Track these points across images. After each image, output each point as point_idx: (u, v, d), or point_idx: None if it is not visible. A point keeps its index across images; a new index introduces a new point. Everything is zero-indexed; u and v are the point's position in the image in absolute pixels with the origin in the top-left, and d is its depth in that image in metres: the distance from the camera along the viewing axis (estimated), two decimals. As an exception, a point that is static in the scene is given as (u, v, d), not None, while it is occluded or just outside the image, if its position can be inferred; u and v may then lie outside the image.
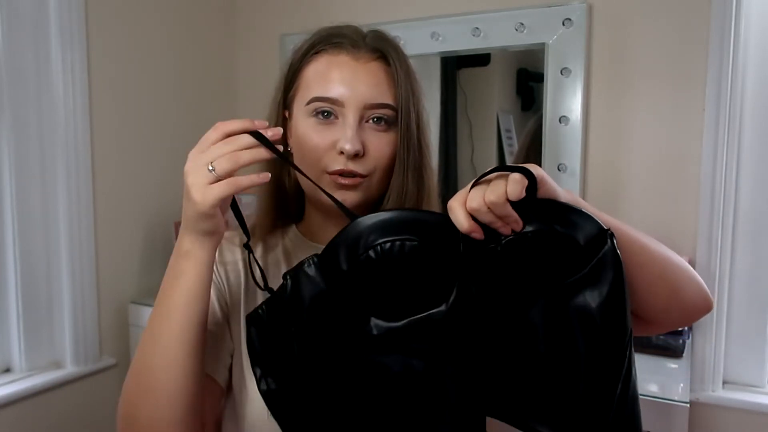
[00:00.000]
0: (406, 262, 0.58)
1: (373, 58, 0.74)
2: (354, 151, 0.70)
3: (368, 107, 0.72)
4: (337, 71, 0.73)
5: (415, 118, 0.74)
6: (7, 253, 1.40)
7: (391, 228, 0.59)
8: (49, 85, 1.42)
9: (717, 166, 1.33)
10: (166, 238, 1.74)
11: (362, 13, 1.69)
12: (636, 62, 1.43)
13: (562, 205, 0.60)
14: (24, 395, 1.39)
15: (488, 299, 0.58)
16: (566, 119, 1.46)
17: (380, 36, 0.77)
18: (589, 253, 0.58)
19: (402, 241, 0.58)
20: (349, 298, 0.59)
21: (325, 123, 0.73)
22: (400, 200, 0.74)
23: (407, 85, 0.74)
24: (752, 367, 1.37)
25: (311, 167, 0.73)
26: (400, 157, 0.74)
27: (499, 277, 0.59)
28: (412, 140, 0.74)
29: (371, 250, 0.58)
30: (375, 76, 0.73)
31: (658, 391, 1.05)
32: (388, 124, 0.73)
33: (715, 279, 1.35)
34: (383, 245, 0.58)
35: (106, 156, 1.57)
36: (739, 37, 1.30)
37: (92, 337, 1.53)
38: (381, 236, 0.59)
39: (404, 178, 0.74)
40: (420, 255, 0.59)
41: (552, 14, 1.45)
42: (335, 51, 0.75)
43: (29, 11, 1.38)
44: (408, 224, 0.59)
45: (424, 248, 0.58)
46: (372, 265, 0.59)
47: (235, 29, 1.96)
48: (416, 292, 0.59)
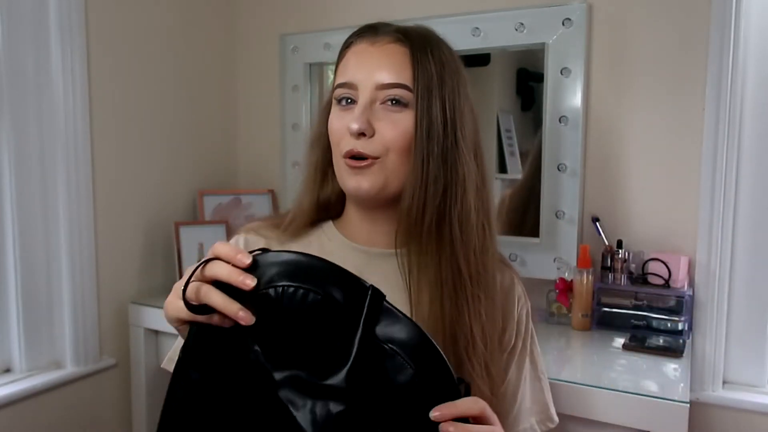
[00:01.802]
0: (303, 312, 0.56)
1: (391, 41, 0.73)
2: (357, 130, 0.70)
3: (380, 87, 0.71)
4: (354, 58, 0.74)
5: (441, 104, 0.71)
6: (7, 253, 1.40)
7: (299, 273, 0.56)
8: (49, 85, 1.42)
9: (717, 166, 1.33)
10: (166, 238, 1.74)
11: (362, 13, 1.69)
12: (636, 62, 1.43)
13: None
14: (24, 395, 1.39)
15: None
16: (566, 119, 1.46)
17: (415, 26, 0.77)
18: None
19: (306, 290, 0.55)
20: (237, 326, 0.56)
21: (345, 109, 0.73)
22: (420, 190, 0.70)
23: (432, 70, 0.71)
24: (752, 367, 1.37)
25: (335, 152, 0.75)
26: (417, 142, 0.71)
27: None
28: (434, 125, 0.70)
29: (272, 289, 0.55)
30: (390, 57, 0.72)
31: (658, 391, 1.05)
32: (403, 105, 0.71)
33: (715, 279, 1.35)
34: (286, 288, 0.55)
35: (106, 156, 1.57)
36: (739, 37, 1.30)
37: (92, 337, 1.53)
38: (285, 279, 0.56)
39: (424, 165, 0.70)
40: (319, 311, 0.56)
41: (552, 14, 1.45)
42: (359, 41, 0.76)
43: (29, 11, 1.38)
44: (317, 274, 0.56)
45: (326, 305, 0.55)
46: (267, 303, 0.56)
47: (235, 29, 1.97)
48: (304, 345, 0.56)
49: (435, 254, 0.71)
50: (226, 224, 1.76)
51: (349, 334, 0.56)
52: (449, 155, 0.71)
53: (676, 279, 1.36)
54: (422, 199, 0.71)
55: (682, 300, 1.33)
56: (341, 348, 0.56)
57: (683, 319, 1.32)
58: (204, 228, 1.74)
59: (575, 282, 1.41)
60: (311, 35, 1.77)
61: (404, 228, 0.72)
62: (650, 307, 1.36)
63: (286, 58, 1.83)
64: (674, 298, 1.34)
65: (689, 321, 1.33)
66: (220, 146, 1.95)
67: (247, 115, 1.98)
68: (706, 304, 1.36)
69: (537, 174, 1.51)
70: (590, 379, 1.10)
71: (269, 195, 1.88)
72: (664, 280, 1.37)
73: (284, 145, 1.86)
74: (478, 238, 0.73)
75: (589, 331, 1.39)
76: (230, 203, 1.84)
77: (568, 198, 1.47)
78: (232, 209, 1.83)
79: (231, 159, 1.99)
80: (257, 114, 1.96)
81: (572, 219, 1.47)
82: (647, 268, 1.40)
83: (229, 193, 1.87)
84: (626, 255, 1.41)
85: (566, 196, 1.47)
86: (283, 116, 1.85)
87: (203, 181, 1.87)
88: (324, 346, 0.56)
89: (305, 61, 1.79)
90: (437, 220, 0.71)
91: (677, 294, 1.34)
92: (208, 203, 1.80)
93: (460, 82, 0.75)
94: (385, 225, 0.78)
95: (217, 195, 1.83)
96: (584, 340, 1.35)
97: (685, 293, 1.33)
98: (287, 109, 1.84)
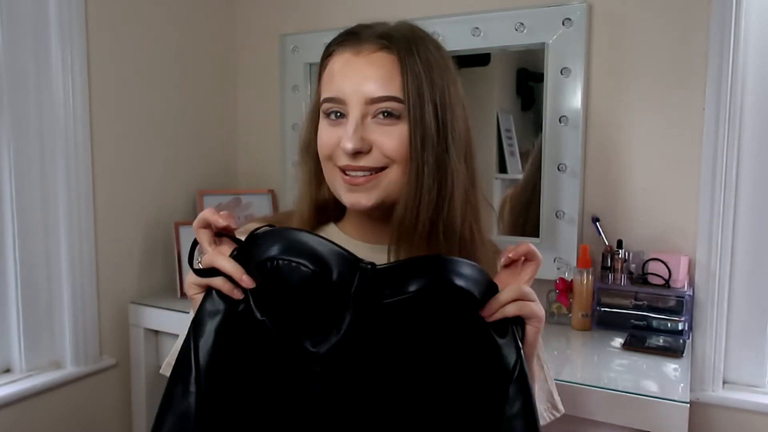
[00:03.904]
0: (298, 285, 0.60)
1: (376, 50, 0.70)
2: (352, 150, 0.68)
3: (370, 102, 0.69)
4: (339, 69, 0.71)
5: (433, 110, 0.69)
6: (7, 254, 1.40)
7: (293, 249, 0.60)
8: (49, 85, 1.42)
9: (717, 165, 1.33)
10: (166, 238, 1.74)
11: (362, 13, 1.68)
12: (636, 62, 1.43)
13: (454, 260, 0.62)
14: (24, 395, 1.39)
15: (373, 347, 0.60)
16: (566, 119, 1.46)
17: (398, 26, 0.74)
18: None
19: (298, 264, 0.59)
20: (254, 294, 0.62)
21: (335, 123, 0.72)
22: (415, 201, 0.69)
23: (421, 74, 0.69)
24: (752, 367, 1.37)
25: (325, 164, 0.73)
26: (412, 153, 0.69)
27: (390, 328, 0.60)
28: (428, 134, 0.69)
29: (269, 263, 0.60)
30: (377, 68, 0.69)
31: (658, 391, 1.05)
32: (397, 117, 0.69)
33: (716, 279, 1.35)
34: (281, 261, 0.60)
35: (106, 156, 1.57)
36: (739, 37, 1.30)
37: (92, 337, 1.53)
38: (283, 253, 0.60)
39: (419, 176, 0.69)
40: (312, 283, 0.59)
41: (552, 14, 1.45)
42: (341, 50, 0.73)
43: (29, 11, 1.38)
44: (310, 249, 0.60)
45: (318, 278, 0.59)
46: (271, 276, 0.60)
47: (235, 29, 1.97)
48: (303, 314, 0.61)
49: (425, 253, 0.72)
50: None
51: (340, 306, 0.60)
52: (441, 162, 0.70)
53: (676, 279, 1.36)
54: (416, 211, 0.70)
55: (682, 300, 1.33)
56: (336, 318, 0.60)
57: (683, 319, 1.32)
58: (204, 228, 1.73)
59: (575, 282, 1.41)
60: (311, 35, 1.77)
61: (396, 237, 0.72)
62: (650, 307, 1.36)
63: (286, 58, 1.83)
64: (674, 298, 1.34)
65: (689, 321, 1.33)
66: (220, 146, 1.95)
67: (247, 115, 1.98)
68: (706, 304, 1.36)
69: (539, 174, 1.51)
70: (590, 379, 1.10)
71: (269, 195, 1.88)
72: (664, 280, 1.37)
73: (284, 145, 1.86)
74: (464, 243, 0.73)
75: (589, 331, 1.39)
76: (230, 203, 1.84)
77: (568, 198, 1.47)
78: (232, 209, 1.83)
79: (231, 159, 1.99)
80: (257, 114, 1.96)
81: (572, 219, 1.47)
82: (647, 268, 1.40)
83: (229, 193, 1.87)
84: (626, 255, 1.41)
85: (566, 196, 1.47)
86: (283, 116, 1.85)
87: (203, 181, 1.87)
88: (317, 316, 0.60)
89: (305, 61, 1.79)
90: (429, 227, 0.71)
91: (677, 294, 1.34)
92: (208, 203, 1.80)
93: (450, 80, 0.73)
94: (389, 224, 0.77)
95: (217, 195, 1.83)
96: (584, 340, 1.35)
97: (685, 293, 1.33)
98: (287, 109, 1.84)
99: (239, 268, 0.62)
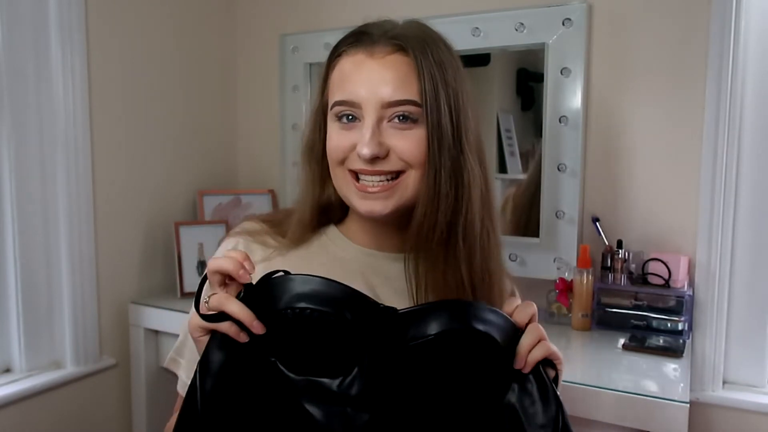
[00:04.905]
0: (317, 328, 0.60)
1: (391, 52, 0.69)
2: (370, 155, 0.67)
3: (386, 106, 0.67)
4: (353, 72, 0.69)
5: (449, 113, 0.67)
6: (7, 253, 1.40)
7: (314, 296, 0.60)
8: (49, 85, 1.42)
9: (717, 165, 1.33)
10: (166, 238, 1.74)
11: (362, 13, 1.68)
12: (636, 62, 1.43)
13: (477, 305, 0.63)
14: (24, 395, 1.39)
15: (395, 388, 0.60)
16: (566, 119, 1.46)
17: (408, 26, 0.73)
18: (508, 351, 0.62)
19: (320, 312, 0.59)
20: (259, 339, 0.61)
21: (347, 127, 0.70)
22: (433, 206, 0.68)
23: (437, 77, 0.68)
24: (752, 367, 1.37)
25: (336, 168, 0.72)
26: (430, 157, 0.67)
27: (416, 370, 0.60)
28: (445, 137, 0.67)
29: (290, 310, 0.60)
30: (393, 71, 0.68)
31: (658, 391, 1.05)
32: (414, 121, 0.68)
33: (715, 279, 1.35)
34: (303, 310, 0.59)
35: (106, 156, 1.57)
36: (739, 37, 1.30)
37: (92, 337, 1.53)
38: (303, 301, 0.60)
39: (436, 181, 0.68)
40: (333, 329, 0.60)
41: (552, 14, 1.45)
42: (353, 50, 0.70)
43: (29, 11, 1.38)
44: (331, 297, 0.60)
45: (340, 323, 0.60)
46: (288, 322, 0.60)
47: (235, 29, 1.97)
48: (322, 356, 0.61)
49: (442, 262, 0.70)
50: (226, 224, 1.76)
51: (361, 349, 0.60)
52: (457, 165, 0.69)
53: (676, 279, 1.36)
54: (434, 217, 0.69)
55: (682, 300, 1.33)
56: (355, 361, 0.60)
57: (683, 319, 1.32)
58: (204, 228, 1.74)
59: (575, 282, 1.41)
60: (311, 35, 1.77)
61: (413, 243, 0.71)
62: (650, 307, 1.36)
63: (286, 58, 1.83)
64: (674, 298, 1.34)
65: (689, 321, 1.33)
66: (220, 146, 1.95)
67: (247, 115, 1.98)
68: (706, 304, 1.36)
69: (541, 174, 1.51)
70: (590, 379, 1.10)
71: (269, 195, 1.88)
72: (664, 280, 1.37)
73: (284, 145, 1.86)
74: (483, 246, 0.72)
75: (589, 331, 1.39)
76: (230, 203, 1.84)
77: (568, 198, 1.47)
78: (232, 209, 1.83)
79: (231, 159, 1.99)
80: (257, 114, 1.96)
81: (572, 219, 1.47)
82: (647, 268, 1.40)
83: (229, 193, 1.87)
84: (626, 255, 1.41)
85: (566, 196, 1.47)
86: (283, 116, 1.85)
87: (203, 181, 1.87)
88: (338, 358, 0.60)
89: (305, 61, 1.79)
90: (447, 233, 0.70)
91: (677, 294, 1.34)
92: (208, 203, 1.80)
93: (462, 80, 0.72)
94: (393, 229, 0.76)
95: (217, 195, 1.83)
96: (584, 340, 1.35)
97: (685, 293, 1.33)
98: (287, 109, 1.84)
99: (250, 314, 0.59)
